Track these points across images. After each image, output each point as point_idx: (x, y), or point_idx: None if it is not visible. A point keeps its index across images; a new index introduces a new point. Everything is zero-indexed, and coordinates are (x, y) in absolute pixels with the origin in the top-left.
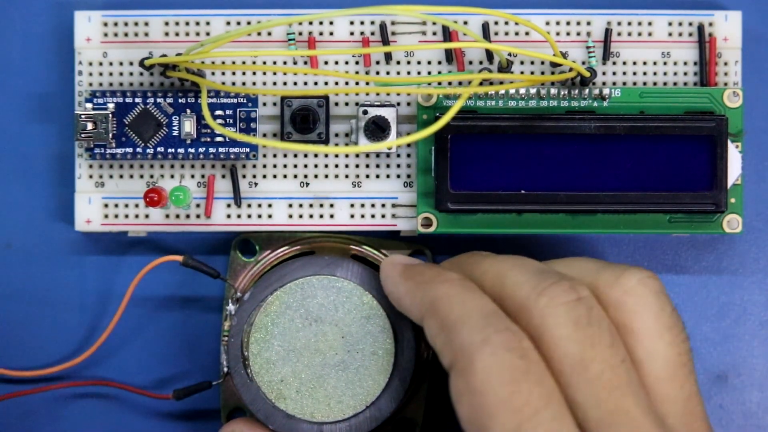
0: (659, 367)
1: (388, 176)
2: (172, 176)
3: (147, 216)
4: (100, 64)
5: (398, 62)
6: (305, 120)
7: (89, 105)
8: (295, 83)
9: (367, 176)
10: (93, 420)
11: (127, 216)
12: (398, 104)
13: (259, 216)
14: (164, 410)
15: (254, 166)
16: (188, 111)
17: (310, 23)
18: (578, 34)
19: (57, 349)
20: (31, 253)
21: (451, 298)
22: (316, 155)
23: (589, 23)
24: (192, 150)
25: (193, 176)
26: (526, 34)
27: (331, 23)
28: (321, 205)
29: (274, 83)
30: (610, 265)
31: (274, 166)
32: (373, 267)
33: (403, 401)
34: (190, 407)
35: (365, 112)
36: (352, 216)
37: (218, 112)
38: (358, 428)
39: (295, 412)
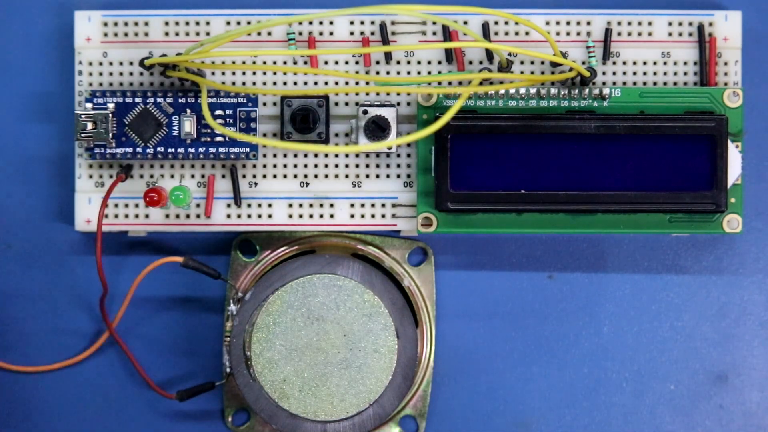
0: None
1: (388, 176)
2: (172, 176)
3: (147, 216)
4: (100, 64)
5: (398, 62)
6: (305, 120)
7: (89, 105)
8: (295, 83)
9: (367, 176)
10: (95, 421)
11: (127, 216)
12: (398, 104)
13: (259, 216)
14: (167, 411)
15: (254, 166)
16: (188, 111)
17: (310, 23)
18: (578, 34)
19: (57, 349)
20: (31, 253)
21: None
22: (316, 155)
23: (589, 23)
24: (192, 150)
25: (193, 176)
26: (526, 34)
27: (331, 23)
28: (321, 205)
29: (274, 83)
30: None
31: (274, 166)
32: (374, 265)
33: (406, 398)
34: (193, 408)
35: (365, 112)
36: (352, 216)
37: (218, 112)
38: (361, 426)
39: (299, 412)
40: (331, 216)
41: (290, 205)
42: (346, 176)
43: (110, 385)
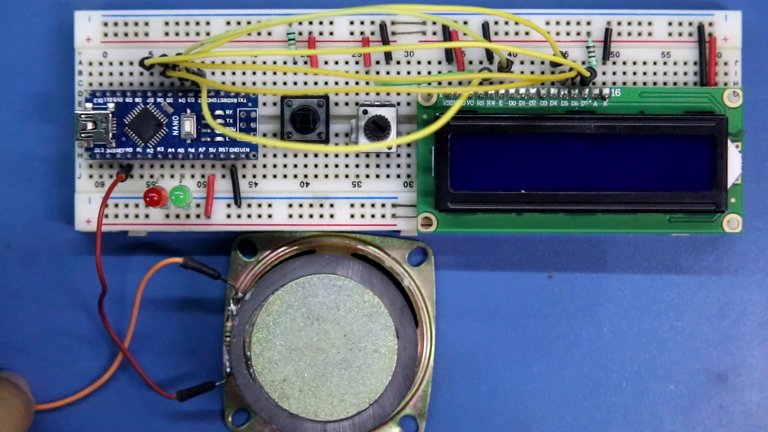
0: None
1: (388, 176)
2: (172, 176)
3: (147, 216)
4: (100, 64)
5: (398, 62)
6: (305, 120)
7: (89, 105)
8: (295, 83)
9: (367, 176)
10: (95, 420)
11: (127, 216)
12: (398, 104)
13: (259, 216)
14: (167, 411)
15: (254, 166)
16: (188, 111)
17: (310, 23)
18: (578, 34)
19: (57, 349)
20: (31, 253)
21: None
22: (316, 155)
23: (589, 23)
24: (192, 150)
25: (193, 176)
26: (526, 33)
27: (331, 23)
28: (321, 205)
29: (274, 83)
30: None
31: (274, 165)
32: (374, 265)
33: (406, 398)
34: (193, 408)
35: (365, 112)
36: (352, 216)
37: (218, 112)
38: (361, 426)
39: (299, 412)
40: (331, 216)
41: (290, 205)
42: (346, 176)
43: (110, 385)
